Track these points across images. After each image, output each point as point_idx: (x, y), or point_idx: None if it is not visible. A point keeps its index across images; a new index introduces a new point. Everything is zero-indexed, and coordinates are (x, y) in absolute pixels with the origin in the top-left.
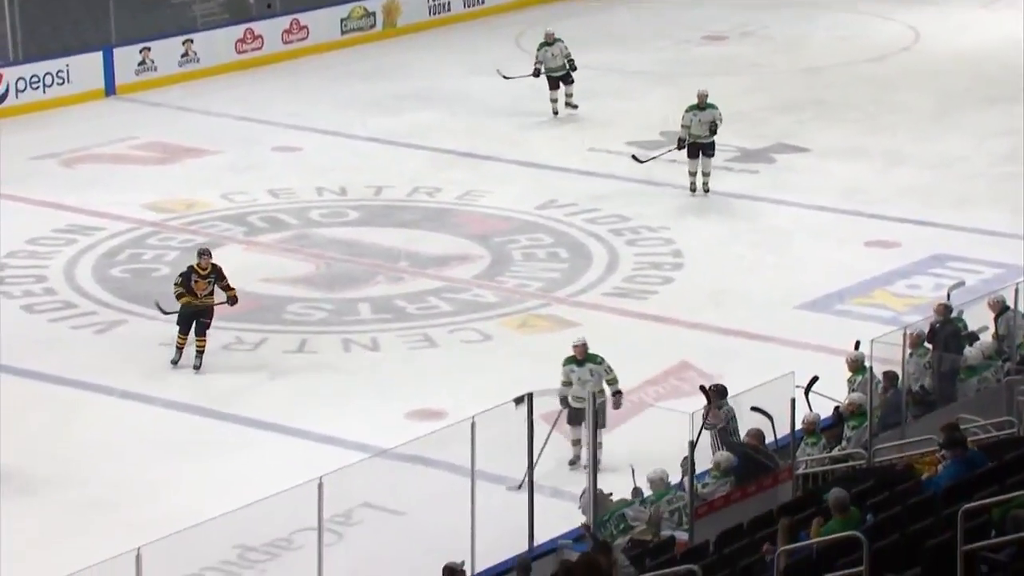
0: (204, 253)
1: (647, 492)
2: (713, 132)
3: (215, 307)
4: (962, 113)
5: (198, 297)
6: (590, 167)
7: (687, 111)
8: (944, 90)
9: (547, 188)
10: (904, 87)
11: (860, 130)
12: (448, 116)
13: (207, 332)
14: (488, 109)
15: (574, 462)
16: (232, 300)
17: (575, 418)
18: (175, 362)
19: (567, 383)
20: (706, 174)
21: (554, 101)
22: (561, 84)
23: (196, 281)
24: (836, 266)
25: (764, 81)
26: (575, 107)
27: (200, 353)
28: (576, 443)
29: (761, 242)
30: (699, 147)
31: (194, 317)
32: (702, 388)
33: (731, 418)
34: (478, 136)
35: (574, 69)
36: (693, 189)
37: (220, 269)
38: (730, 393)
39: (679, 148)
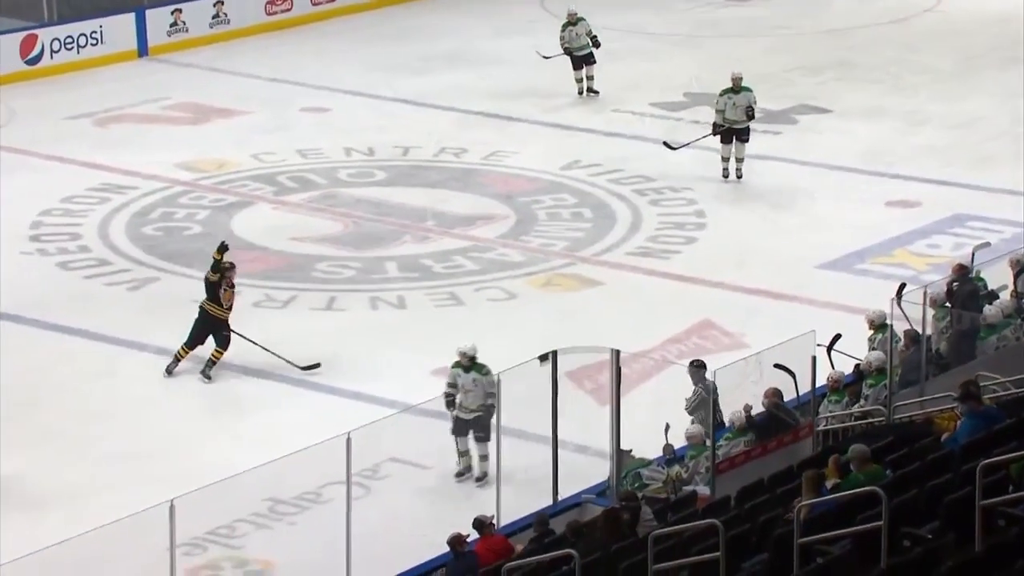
0: (231, 267)
1: (678, 447)
2: (750, 117)
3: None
4: (984, 73)
5: (223, 308)
6: (614, 128)
7: (721, 94)
8: (966, 50)
9: (571, 149)
10: (926, 48)
11: (882, 91)
12: (474, 77)
13: (228, 346)
14: (513, 70)
15: (462, 474)
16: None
17: (460, 428)
18: (170, 371)
19: (452, 385)
20: (740, 160)
21: (579, 81)
22: (584, 64)
23: (225, 291)
24: (857, 226)
25: (787, 43)
26: (596, 92)
27: (214, 364)
28: (463, 455)
29: (783, 202)
30: (733, 132)
31: (214, 328)
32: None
33: (712, 391)
34: (503, 97)
35: (597, 46)
36: (726, 175)
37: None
38: (753, 350)
39: (714, 134)
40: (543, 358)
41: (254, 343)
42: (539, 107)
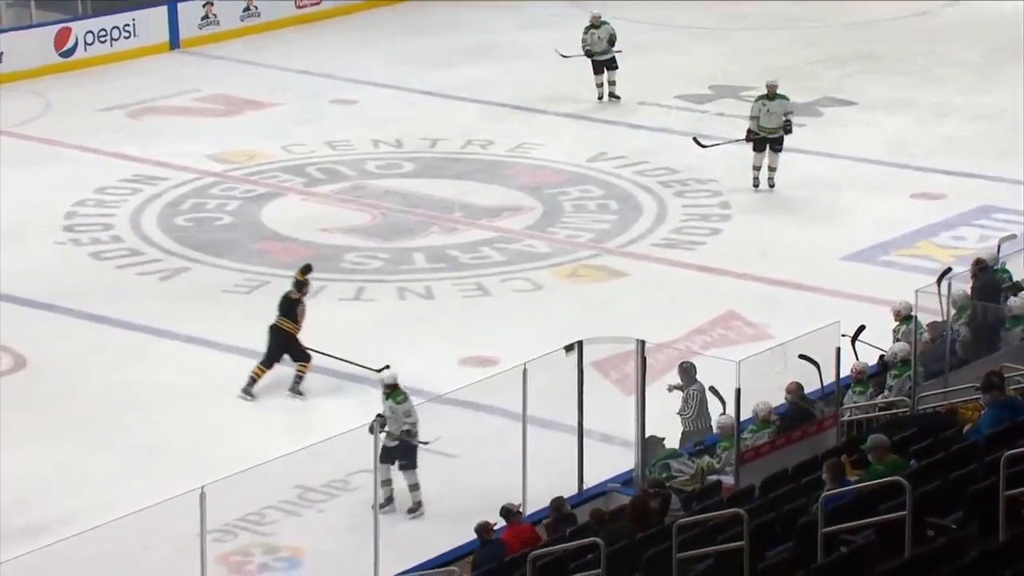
0: (306, 284)
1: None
2: (787, 130)
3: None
4: (1010, 65)
5: (297, 324)
6: (640, 120)
7: (756, 101)
8: (992, 42)
9: (597, 141)
10: (952, 40)
11: (907, 83)
12: (501, 70)
13: (309, 358)
14: (539, 63)
15: (383, 505)
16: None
17: (383, 456)
18: (250, 393)
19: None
20: (772, 168)
21: (599, 86)
22: (605, 69)
23: (301, 307)
24: (882, 218)
25: (811, 35)
26: (617, 98)
27: (301, 378)
28: (385, 484)
29: (808, 194)
30: (767, 141)
31: (287, 345)
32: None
33: (702, 393)
34: (530, 90)
35: (617, 51)
36: (756, 184)
37: None
38: (777, 341)
39: (747, 140)
40: (569, 348)
41: (327, 355)
42: (565, 99)
